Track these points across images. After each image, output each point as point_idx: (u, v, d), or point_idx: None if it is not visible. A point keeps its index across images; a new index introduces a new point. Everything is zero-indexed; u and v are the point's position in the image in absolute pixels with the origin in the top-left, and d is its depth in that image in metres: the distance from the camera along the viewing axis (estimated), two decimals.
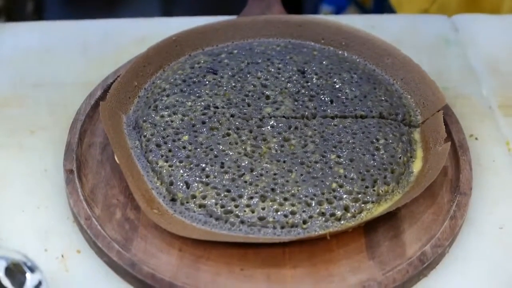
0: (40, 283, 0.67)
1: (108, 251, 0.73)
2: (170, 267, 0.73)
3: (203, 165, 0.80)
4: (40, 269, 0.68)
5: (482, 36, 1.04)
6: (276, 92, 0.87)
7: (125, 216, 0.77)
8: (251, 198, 0.77)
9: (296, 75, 0.90)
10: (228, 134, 0.83)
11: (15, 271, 0.67)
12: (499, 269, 0.76)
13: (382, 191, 0.79)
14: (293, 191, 0.78)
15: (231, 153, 0.81)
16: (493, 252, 0.77)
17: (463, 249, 0.77)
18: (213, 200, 0.77)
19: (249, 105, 0.86)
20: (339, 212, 0.76)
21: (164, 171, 0.79)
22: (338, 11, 1.66)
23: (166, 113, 0.85)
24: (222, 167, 0.80)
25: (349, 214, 0.77)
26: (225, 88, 0.88)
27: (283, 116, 0.85)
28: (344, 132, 0.84)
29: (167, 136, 0.83)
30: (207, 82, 0.88)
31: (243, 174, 0.79)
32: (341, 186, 0.78)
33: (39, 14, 1.69)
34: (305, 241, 0.74)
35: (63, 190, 0.80)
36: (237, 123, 0.84)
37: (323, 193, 0.78)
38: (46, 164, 0.84)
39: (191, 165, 0.80)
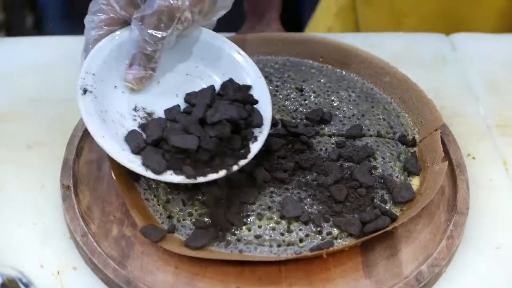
0: None
1: (104, 268, 0.73)
2: (166, 285, 0.72)
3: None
4: (35, 285, 0.68)
5: (480, 55, 1.04)
6: (274, 110, 0.87)
7: (122, 233, 0.77)
8: (248, 216, 0.77)
9: (294, 93, 0.90)
10: None
11: (10, 287, 0.67)
12: None
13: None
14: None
15: None
16: (490, 272, 0.77)
17: (460, 268, 0.77)
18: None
19: None
20: (336, 231, 0.76)
21: (161, 188, 0.79)
22: None
23: None
24: None
25: (345, 233, 0.76)
26: None
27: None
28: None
29: None
30: None
31: None
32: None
33: (38, 29, 1.69)
34: (302, 260, 0.74)
35: (59, 206, 0.80)
36: None
37: (319, 211, 0.77)
38: (43, 180, 0.83)
39: None
